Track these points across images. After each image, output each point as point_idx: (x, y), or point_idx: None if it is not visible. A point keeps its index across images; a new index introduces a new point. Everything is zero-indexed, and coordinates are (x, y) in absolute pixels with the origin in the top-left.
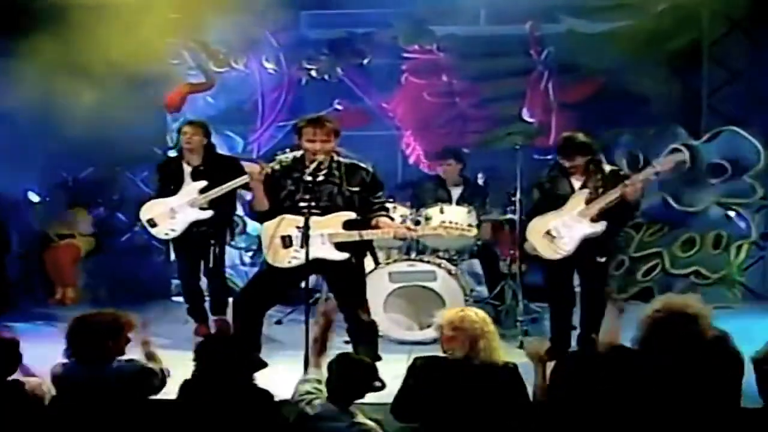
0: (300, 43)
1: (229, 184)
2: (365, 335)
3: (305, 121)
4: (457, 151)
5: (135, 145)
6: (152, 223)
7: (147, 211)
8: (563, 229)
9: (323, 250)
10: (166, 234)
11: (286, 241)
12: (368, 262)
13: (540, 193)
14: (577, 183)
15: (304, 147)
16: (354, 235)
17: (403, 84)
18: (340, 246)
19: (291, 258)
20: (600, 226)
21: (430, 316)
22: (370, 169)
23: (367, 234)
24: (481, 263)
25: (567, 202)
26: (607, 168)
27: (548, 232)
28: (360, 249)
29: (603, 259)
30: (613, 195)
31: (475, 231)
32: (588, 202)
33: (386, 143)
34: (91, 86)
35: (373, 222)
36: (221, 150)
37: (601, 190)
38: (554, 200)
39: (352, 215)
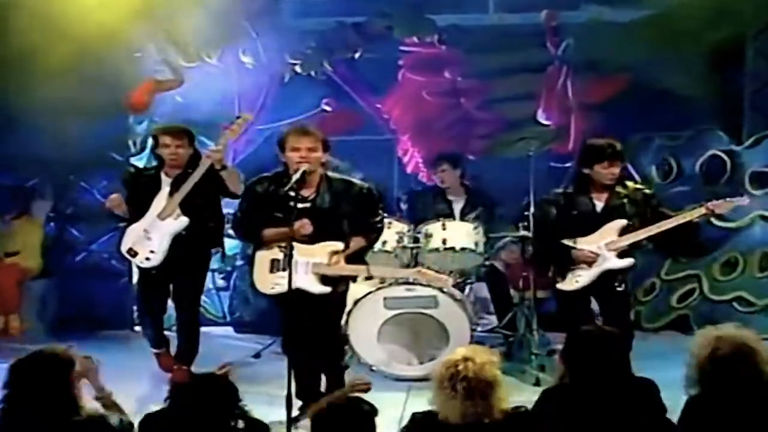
0: (283, 34)
1: (195, 174)
2: (335, 361)
3: (290, 130)
4: (453, 156)
5: (92, 150)
6: (132, 253)
7: (126, 239)
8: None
9: (305, 280)
10: (142, 262)
11: (274, 265)
12: (361, 286)
13: (557, 213)
14: (599, 203)
15: (286, 158)
16: (338, 269)
17: (399, 81)
18: (324, 278)
19: (274, 284)
20: (626, 262)
21: (432, 348)
22: (367, 187)
23: (346, 271)
24: (489, 287)
25: (597, 230)
26: (630, 185)
27: None
28: (346, 279)
29: (621, 288)
30: (652, 230)
31: (449, 280)
32: (622, 233)
33: (380, 149)
34: (41, 83)
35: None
36: None
37: (631, 220)
38: (574, 223)
39: (340, 246)
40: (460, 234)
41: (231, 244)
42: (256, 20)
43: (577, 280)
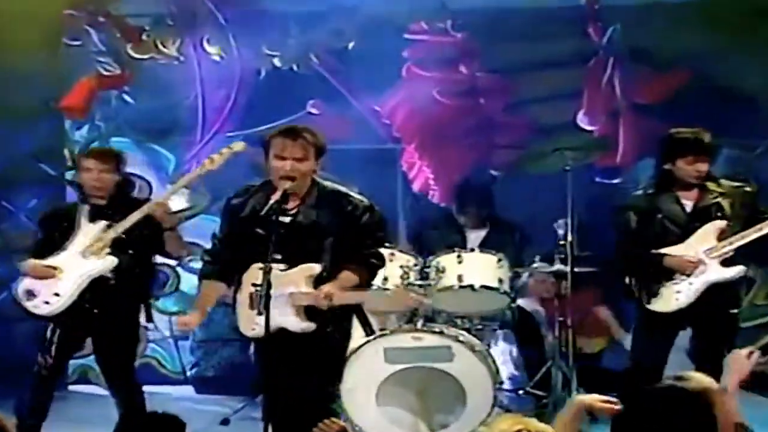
0: (258, 19)
1: (135, 213)
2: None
3: (277, 131)
4: (481, 192)
5: (17, 161)
6: (29, 295)
7: (26, 279)
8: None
9: (284, 316)
10: (37, 307)
11: (252, 299)
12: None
13: (639, 220)
14: (688, 202)
15: (270, 167)
16: (321, 298)
17: (404, 78)
18: (309, 312)
19: (254, 324)
20: (734, 272)
21: (445, 412)
22: (368, 205)
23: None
24: (517, 335)
25: (689, 235)
26: (726, 182)
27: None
28: (339, 316)
29: (736, 311)
30: (760, 231)
31: None
32: (721, 236)
33: (380, 162)
34: None
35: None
36: (147, 172)
37: (731, 221)
38: (661, 229)
39: (317, 268)
40: (479, 269)
41: (192, 282)
42: (224, 1)
43: (677, 297)
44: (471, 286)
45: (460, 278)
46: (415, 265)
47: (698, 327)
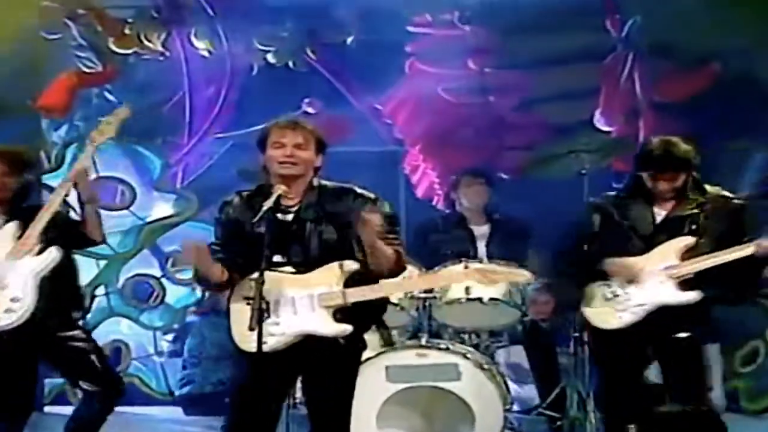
0: (249, 11)
1: (53, 202)
2: None
3: (274, 124)
4: (485, 171)
5: None
6: None
7: None
8: (631, 287)
9: (313, 320)
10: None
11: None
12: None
13: (602, 223)
14: (661, 212)
15: (266, 160)
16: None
17: (407, 74)
18: (341, 314)
19: (268, 335)
20: (691, 296)
21: None
22: (373, 198)
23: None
24: (528, 352)
25: (653, 248)
26: (713, 190)
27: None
28: (363, 320)
29: (684, 335)
30: (728, 255)
31: (526, 274)
32: (684, 256)
33: (381, 164)
34: None
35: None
36: (130, 177)
37: (703, 237)
38: (624, 237)
39: (353, 265)
40: None
41: (179, 295)
42: None
43: (620, 315)
44: (479, 299)
45: (467, 290)
46: (418, 275)
47: (659, 357)
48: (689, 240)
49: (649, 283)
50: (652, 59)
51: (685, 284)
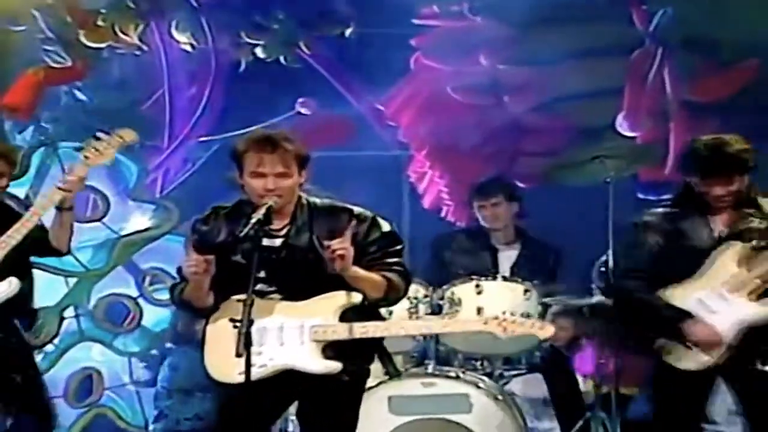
0: (236, 1)
1: (19, 227)
2: None
3: (248, 143)
4: (509, 185)
5: None
6: None
7: None
8: (708, 313)
9: (300, 354)
10: None
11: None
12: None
13: (659, 241)
14: (718, 226)
15: (245, 184)
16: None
17: (412, 71)
18: (331, 350)
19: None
20: None
21: None
22: (370, 216)
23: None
24: (547, 381)
25: (710, 264)
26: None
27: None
28: (361, 354)
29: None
30: None
31: (550, 330)
32: (743, 262)
33: (383, 171)
34: None
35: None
36: (103, 185)
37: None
38: (684, 257)
39: (356, 297)
40: (502, 300)
41: (158, 317)
42: None
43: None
44: None
45: (479, 312)
46: (426, 296)
47: (736, 387)
48: (740, 246)
49: (723, 307)
50: (684, 55)
51: (756, 295)
